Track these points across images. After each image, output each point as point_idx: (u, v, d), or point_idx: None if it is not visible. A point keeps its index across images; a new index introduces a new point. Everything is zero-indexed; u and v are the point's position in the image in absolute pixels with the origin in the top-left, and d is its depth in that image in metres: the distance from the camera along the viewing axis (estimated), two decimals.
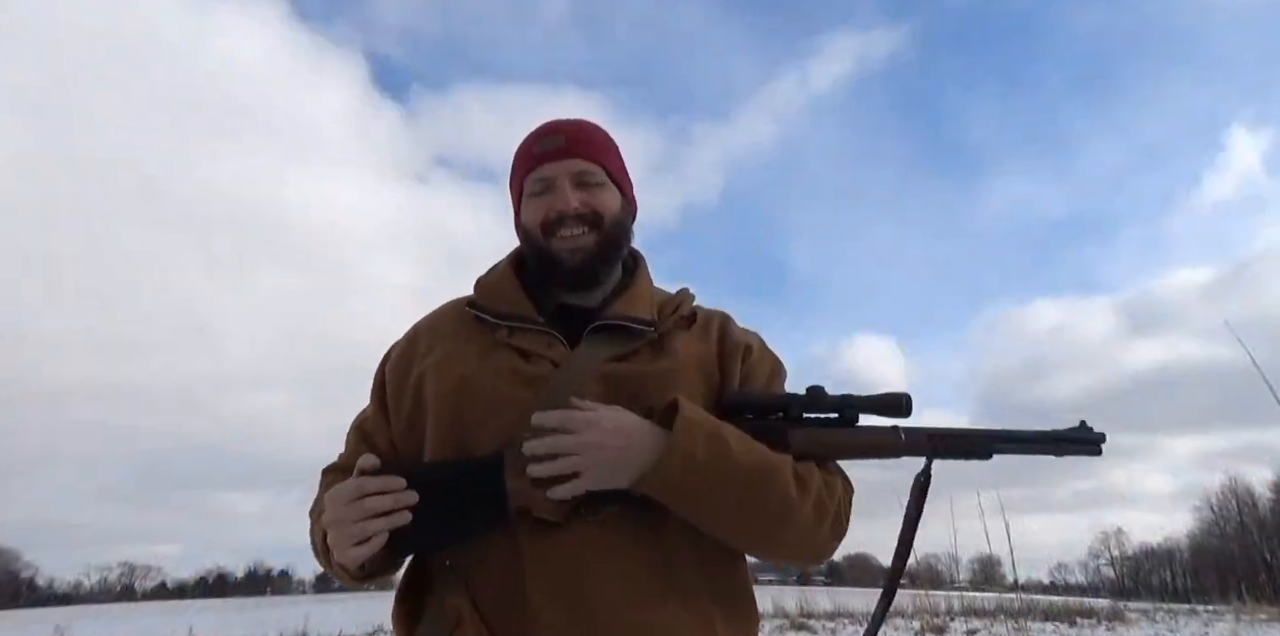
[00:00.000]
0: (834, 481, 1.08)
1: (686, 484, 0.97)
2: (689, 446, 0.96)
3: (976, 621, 10.66)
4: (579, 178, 1.17)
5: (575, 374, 1.08)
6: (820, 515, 1.03)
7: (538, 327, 1.14)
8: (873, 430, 1.07)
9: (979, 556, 38.56)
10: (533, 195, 1.19)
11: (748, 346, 1.20)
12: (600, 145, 1.23)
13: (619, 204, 1.21)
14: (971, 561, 39.32)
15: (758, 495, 0.99)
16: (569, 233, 1.15)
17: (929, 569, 31.33)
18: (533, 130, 1.24)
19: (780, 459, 1.02)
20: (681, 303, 1.23)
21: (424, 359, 1.17)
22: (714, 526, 1.01)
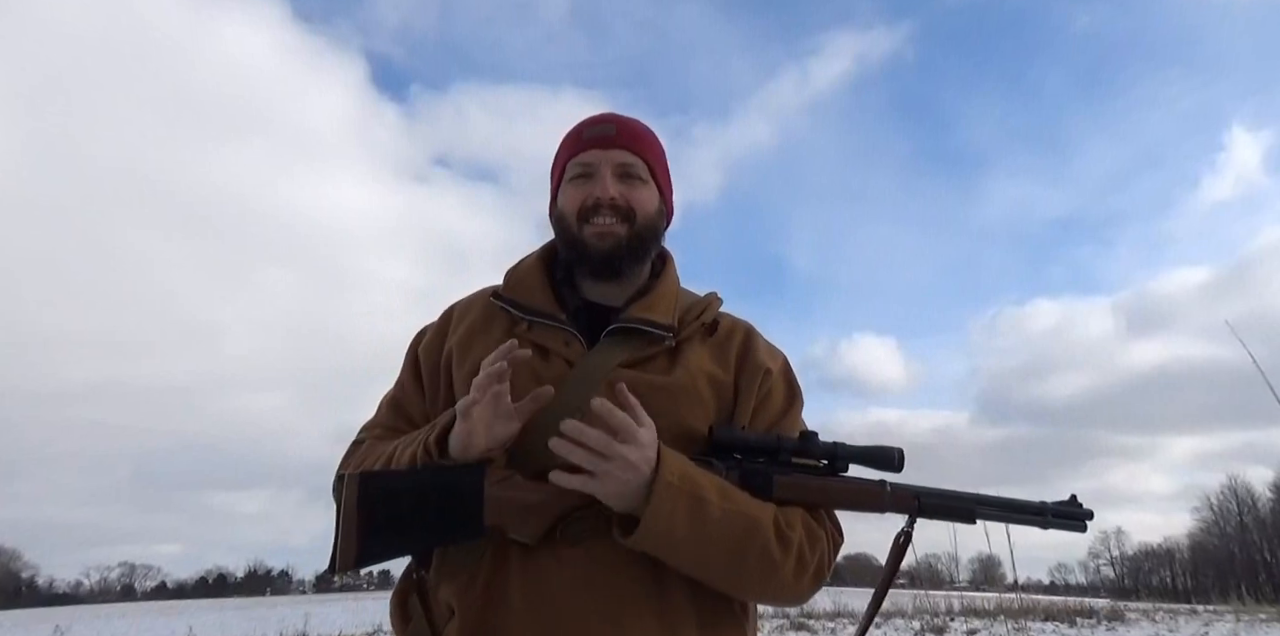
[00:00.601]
0: (818, 534, 1.06)
1: (662, 548, 0.97)
2: (667, 515, 0.95)
3: (976, 621, 10.67)
4: (622, 169, 1.17)
5: (587, 376, 1.08)
6: (800, 570, 1.03)
7: (558, 325, 1.13)
8: (860, 482, 1.07)
9: (979, 556, 38.61)
10: (573, 180, 1.18)
11: (768, 370, 1.18)
12: (649, 143, 1.23)
13: (656, 205, 1.21)
14: (971, 561, 39.38)
15: (736, 557, 0.99)
16: (601, 221, 1.15)
17: (929, 569, 31.44)
18: (586, 118, 1.25)
19: (763, 513, 1.01)
20: (707, 308, 1.22)
21: (452, 338, 1.19)
22: (692, 575, 1.01)
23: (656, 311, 1.15)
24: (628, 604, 0.99)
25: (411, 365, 1.23)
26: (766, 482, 1.03)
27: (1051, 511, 1.08)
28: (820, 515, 1.09)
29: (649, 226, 1.18)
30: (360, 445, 1.18)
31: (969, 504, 1.06)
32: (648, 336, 1.13)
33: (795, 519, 1.04)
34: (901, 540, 1.07)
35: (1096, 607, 12.38)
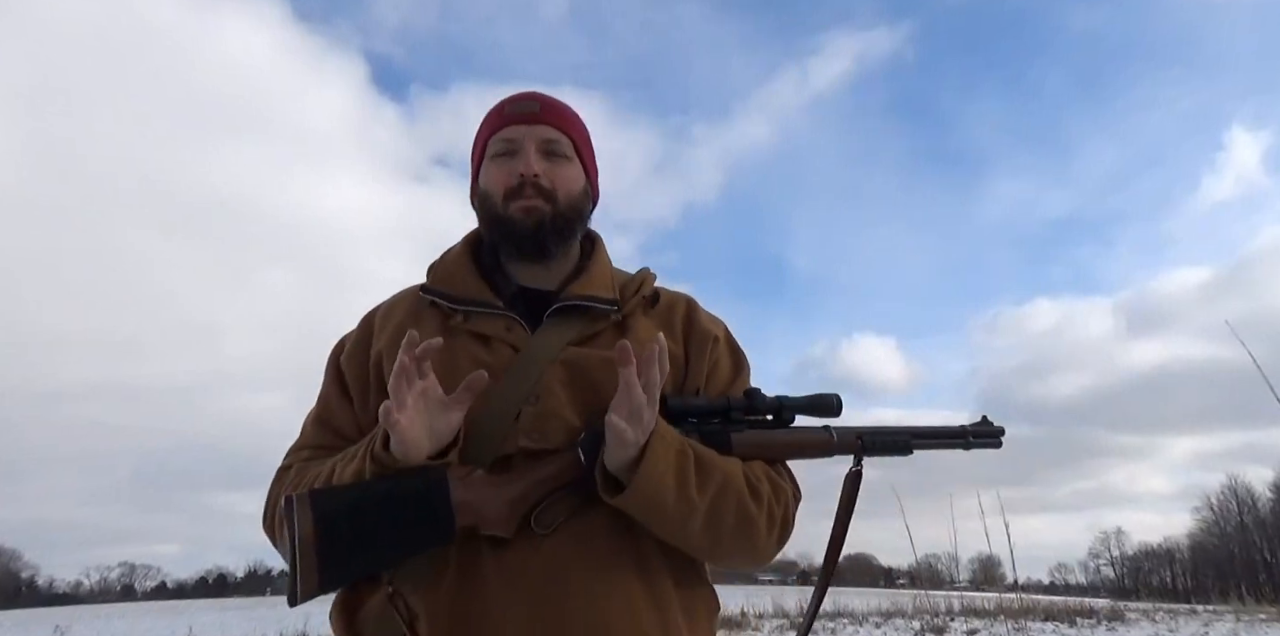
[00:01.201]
0: (781, 485, 1.08)
1: (651, 503, 0.96)
2: (660, 465, 0.95)
3: (976, 621, 10.66)
4: (546, 146, 1.14)
5: (537, 359, 1.05)
6: (771, 523, 1.04)
7: (496, 311, 1.10)
8: (807, 430, 1.11)
9: (979, 556, 38.62)
10: (495, 157, 1.15)
11: (715, 337, 1.18)
12: (573, 120, 1.20)
13: (581, 185, 1.17)
14: (971, 561, 39.37)
15: (716, 512, 0.99)
16: (525, 196, 1.11)
17: (929, 569, 31.40)
18: (509, 95, 1.21)
19: (735, 467, 1.02)
20: (643, 282, 1.20)
21: (378, 341, 1.13)
22: (672, 537, 1.00)
23: (596, 287, 1.13)
24: (614, 575, 0.98)
25: (335, 377, 1.16)
26: (725, 441, 1.05)
27: (971, 432, 1.18)
28: (780, 469, 1.11)
29: (573, 206, 1.15)
30: (288, 471, 1.11)
31: (905, 437, 1.13)
32: (591, 313, 1.11)
33: (760, 472, 1.06)
34: (855, 474, 1.12)
35: (1096, 607, 12.37)
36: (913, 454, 1.14)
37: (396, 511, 0.91)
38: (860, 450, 1.11)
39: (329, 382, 1.17)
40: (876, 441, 1.11)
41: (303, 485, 1.03)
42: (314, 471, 1.04)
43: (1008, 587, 11.05)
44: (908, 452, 1.13)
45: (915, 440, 1.14)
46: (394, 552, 0.93)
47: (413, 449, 0.93)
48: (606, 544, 0.99)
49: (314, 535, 0.89)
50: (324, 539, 0.89)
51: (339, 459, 1.02)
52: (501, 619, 0.94)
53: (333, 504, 0.91)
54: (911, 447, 1.14)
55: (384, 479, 0.94)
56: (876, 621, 11.46)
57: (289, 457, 1.14)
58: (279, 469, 1.13)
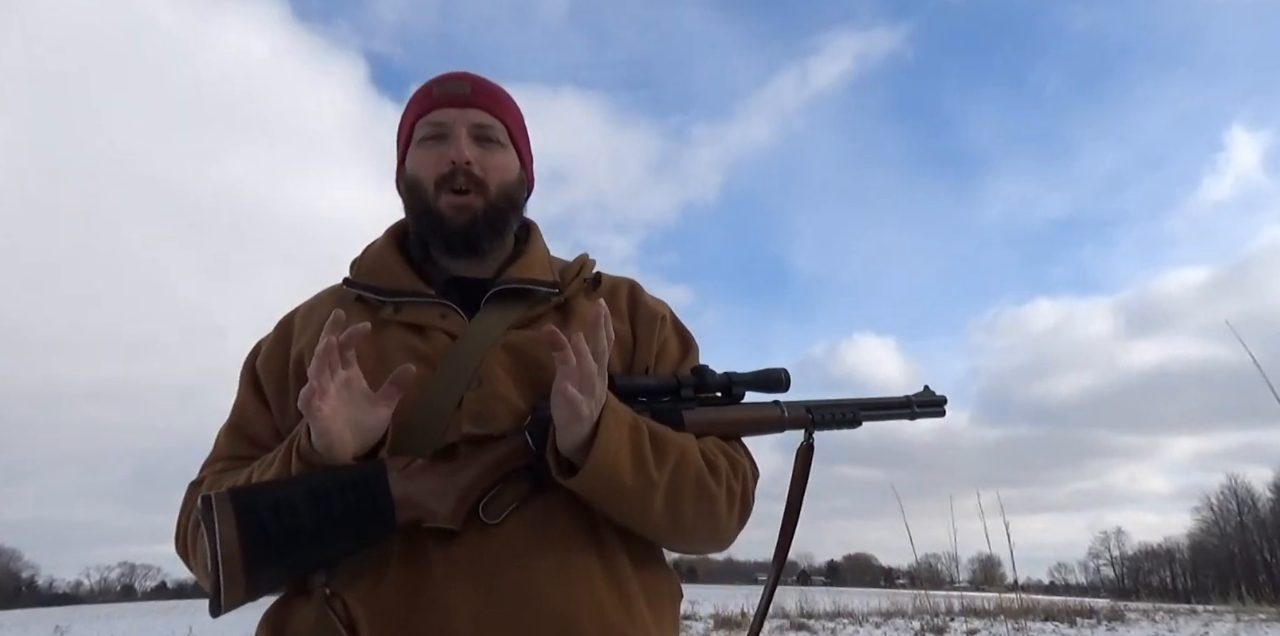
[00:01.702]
0: (738, 460, 1.04)
1: (608, 483, 0.90)
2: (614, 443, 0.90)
3: (976, 621, 10.66)
4: (478, 131, 1.07)
5: (476, 344, 0.99)
6: (731, 500, 1.00)
7: (429, 300, 1.03)
8: (757, 406, 1.09)
9: (979, 556, 38.62)
10: (423, 141, 1.07)
11: (662, 317, 1.14)
12: (506, 104, 1.12)
13: (515, 172, 1.10)
14: (971, 561, 39.35)
15: (675, 489, 0.94)
16: (458, 190, 1.04)
17: (929, 569, 31.35)
18: (437, 75, 1.12)
19: (691, 443, 0.99)
20: (583, 266, 1.14)
21: (299, 341, 1.05)
22: (630, 516, 0.94)
23: (535, 271, 1.08)
24: (572, 559, 0.91)
25: (250, 383, 1.08)
26: (677, 419, 1.02)
27: (915, 402, 1.19)
28: (735, 445, 1.07)
29: (506, 196, 1.08)
30: (200, 485, 1.02)
31: (853, 410, 1.13)
32: (532, 297, 1.05)
33: (716, 448, 1.02)
34: (806, 449, 1.11)
35: (1096, 607, 12.36)
36: (860, 425, 1.14)
37: (330, 505, 0.83)
38: (810, 424, 1.10)
39: (244, 389, 1.09)
40: (826, 415, 1.11)
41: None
42: (229, 480, 0.96)
43: (1008, 587, 11.03)
44: (856, 424, 1.13)
45: (863, 412, 1.14)
46: (329, 550, 0.84)
47: (337, 443, 0.86)
48: (562, 529, 0.92)
49: (238, 536, 0.79)
50: (249, 540, 0.80)
51: (256, 465, 0.95)
52: (452, 610, 0.86)
53: (257, 501, 0.82)
54: (860, 420, 1.13)
55: (321, 471, 0.86)
56: (876, 621, 11.46)
57: (202, 471, 1.06)
58: (190, 484, 1.04)
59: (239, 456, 1.04)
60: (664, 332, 1.13)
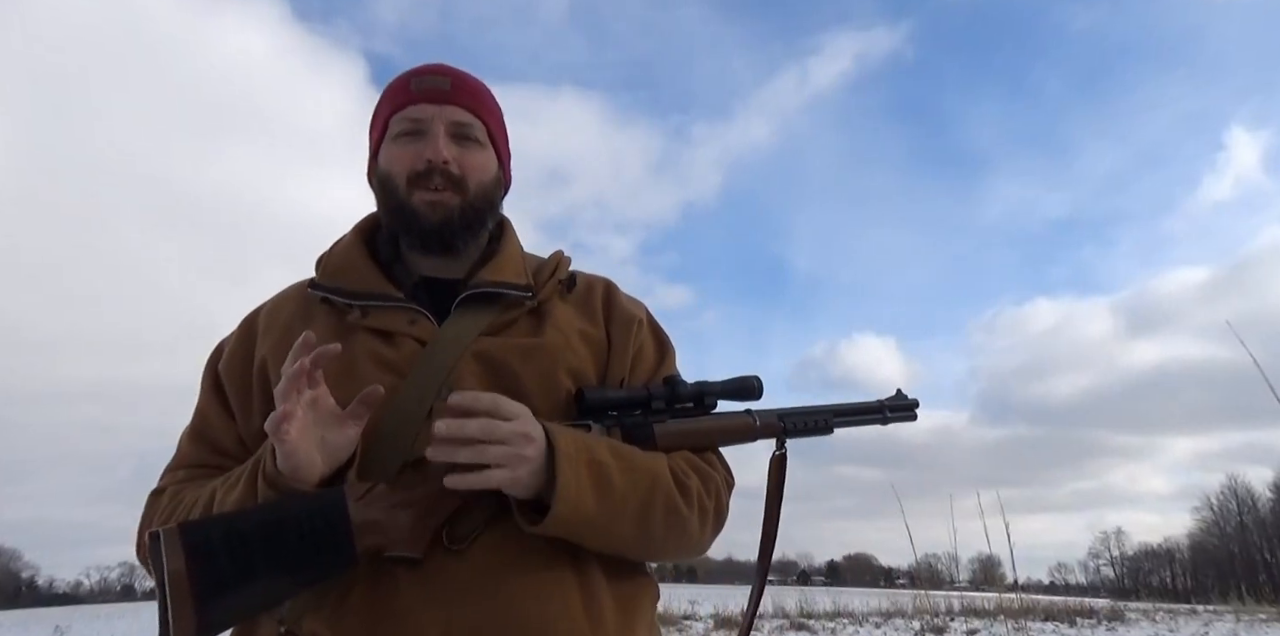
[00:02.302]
0: (710, 475, 1.01)
1: (575, 526, 0.87)
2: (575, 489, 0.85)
3: (976, 621, 10.66)
4: (457, 128, 1.03)
5: (446, 352, 0.95)
6: (703, 517, 0.98)
7: (397, 304, 0.99)
8: (729, 416, 1.07)
9: (979, 556, 38.60)
10: (398, 137, 1.03)
11: (639, 320, 1.10)
12: (486, 101, 1.09)
13: (493, 172, 1.07)
14: (971, 561, 39.34)
15: (644, 517, 0.91)
16: (433, 187, 1.01)
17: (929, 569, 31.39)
18: (412, 68, 1.08)
19: (659, 465, 0.95)
20: (558, 266, 1.10)
21: (263, 345, 1.01)
22: (602, 546, 0.92)
23: (508, 273, 1.04)
24: (545, 575, 0.88)
25: (212, 388, 1.03)
26: (648, 434, 0.99)
27: (889, 406, 1.17)
28: (709, 456, 1.04)
29: (484, 196, 1.05)
30: (161, 495, 0.97)
31: (826, 416, 1.11)
32: (504, 300, 1.01)
33: (687, 465, 0.99)
34: (779, 457, 1.09)
35: (1096, 607, 12.36)
36: (833, 432, 1.12)
37: (286, 538, 0.79)
38: (783, 432, 1.08)
39: (206, 393, 1.04)
40: (798, 423, 1.09)
41: (179, 512, 0.92)
42: (191, 495, 0.92)
43: (1008, 587, 11.01)
44: (828, 431, 1.12)
45: (836, 418, 1.12)
46: (285, 586, 0.79)
47: (304, 466, 0.82)
48: (531, 549, 0.88)
49: (187, 573, 0.76)
50: (199, 576, 0.76)
51: (219, 483, 0.90)
52: (420, 627, 0.83)
53: (208, 534, 0.78)
54: (832, 426, 1.12)
55: (276, 501, 0.83)
56: (876, 621, 11.46)
57: (163, 479, 1.01)
58: (151, 493, 0.99)
59: (202, 464, 1.00)
60: (640, 336, 1.09)
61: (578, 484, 0.86)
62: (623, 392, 1.01)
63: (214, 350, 1.08)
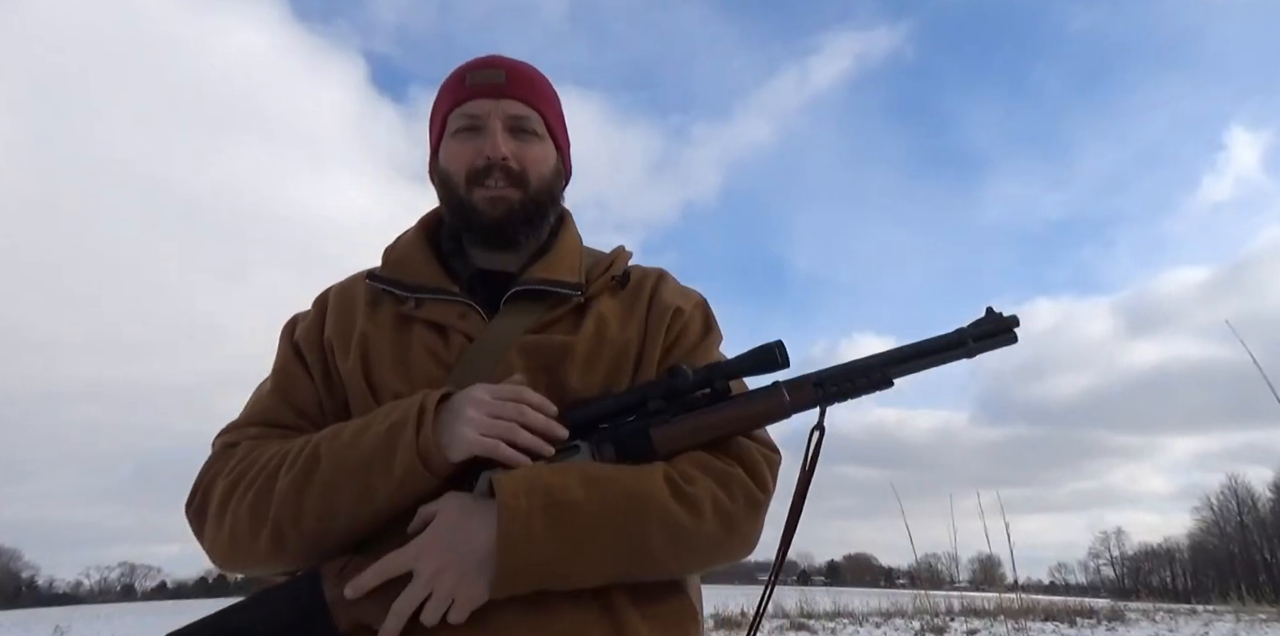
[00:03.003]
0: (729, 473, 0.91)
1: (543, 576, 0.82)
2: (524, 542, 0.80)
3: (976, 621, 10.65)
4: (514, 122, 1.03)
5: (491, 348, 0.97)
6: (725, 521, 0.89)
7: (451, 297, 1.01)
8: (751, 397, 0.93)
9: (979, 556, 38.64)
10: (457, 133, 1.04)
11: (677, 309, 1.05)
12: (543, 92, 1.08)
13: (552, 164, 1.07)
14: (971, 561, 39.35)
15: (635, 541, 0.84)
16: (493, 184, 1.01)
17: (929, 569, 31.35)
18: (468, 61, 1.08)
19: (647, 482, 0.86)
20: (614, 261, 1.09)
21: (330, 326, 1.04)
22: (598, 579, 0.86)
23: (560, 270, 1.03)
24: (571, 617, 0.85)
25: (293, 353, 1.04)
26: (644, 443, 0.89)
27: (971, 335, 0.91)
28: (732, 448, 0.93)
29: (545, 190, 1.05)
30: (234, 448, 0.96)
31: (878, 368, 0.91)
32: (553, 298, 1.01)
33: (694, 469, 0.90)
34: (817, 432, 0.92)
35: (1096, 607, 12.35)
36: (893, 385, 0.91)
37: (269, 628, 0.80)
38: (824, 400, 0.90)
39: (287, 357, 1.04)
40: (841, 384, 0.90)
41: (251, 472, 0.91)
42: (269, 450, 0.92)
43: (1008, 587, 11.00)
44: (887, 385, 0.91)
45: (897, 366, 0.91)
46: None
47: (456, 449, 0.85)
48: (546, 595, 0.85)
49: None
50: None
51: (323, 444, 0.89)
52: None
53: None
54: (891, 379, 0.91)
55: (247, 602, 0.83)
56: (876, 621, 11.45)
57: (231, 433, 1.00)
58: (220, 445, 0.99)
59: (278, 423, 1.00)
60: (679, 323, 1.05)
61: (527, 533, 0.81)
62: (610, 402, 0.92)
63: (289, 321, 1.10)
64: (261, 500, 0.88)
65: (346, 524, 0.87)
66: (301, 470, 0.88)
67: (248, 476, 0.91)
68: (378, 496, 0.86)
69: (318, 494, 0.86)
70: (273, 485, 0.88)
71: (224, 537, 0.91)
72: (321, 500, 0.86)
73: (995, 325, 0.91)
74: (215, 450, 0.99)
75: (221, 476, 0.93)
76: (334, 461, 0.87)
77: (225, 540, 0.91)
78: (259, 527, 0.87)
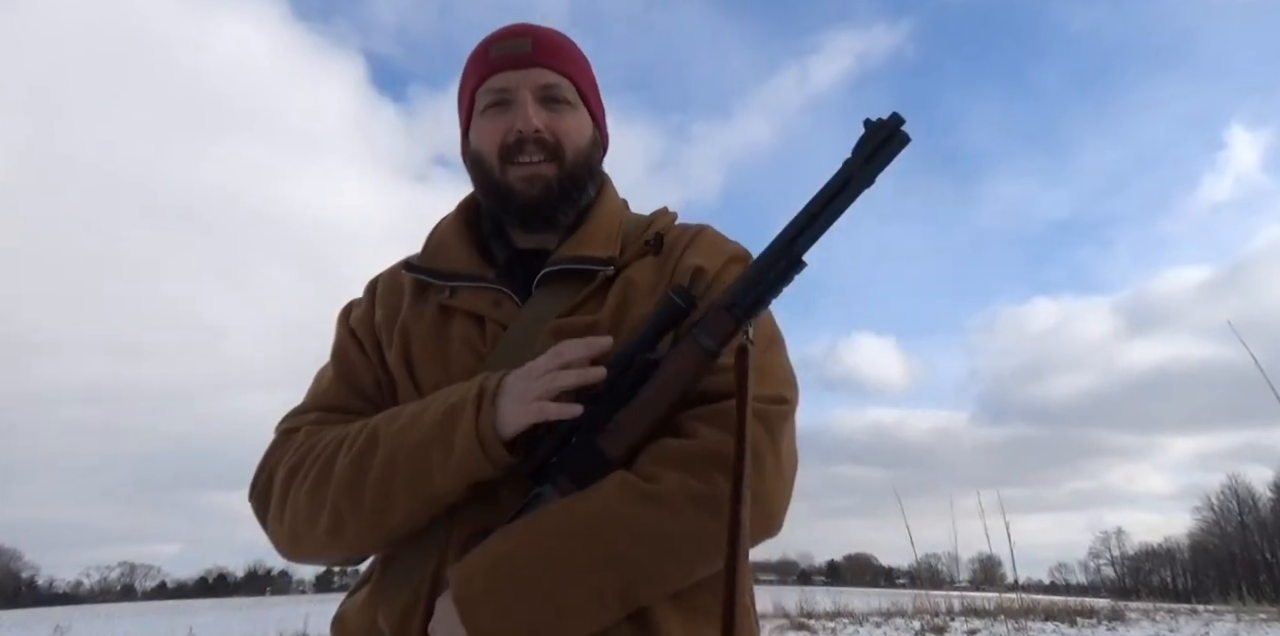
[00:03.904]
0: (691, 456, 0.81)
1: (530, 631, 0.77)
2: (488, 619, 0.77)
3: (976, 621, 10.64)
4: (544, 92, 0.98)
5: (523, 335, 0.93)
6: (704, 508, 0.79)
7: (484, 285, 0.97)
8: (671, 358, 0.83)
9: (979, 556, 38.59)
10: (486, 110, 0.99)
11: (697, 269, 0.95)
12: (573, 57, 1.03)
13: (589, 133, 1.02)
14: (971, 561, 39.32)
15: (612, 563, 0.78)
16: (527, 160, 0.96)
17: (929, 568, 31.35)
18: (492, 32, 1.02)
19: (604, 499, 0.80)
20: (652, 224, 1.03)
21: (379, 311, 1.04)
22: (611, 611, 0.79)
23: (593, 244, 0.98)
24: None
25: (350, 336, 1.04)
26: (596, 457, 0.83)
27: (859, 160, 0.79)
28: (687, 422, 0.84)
29: (582, 162, 1.00)
30: (295, 433, 0.95)
31: (779, 255, 0.81)
32: (586, 275, 0.96)
33: (659, 463, 0.81)
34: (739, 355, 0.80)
35: (1097, 607, 12.34)
36: (806, 264, 0.81)
37: None
38: (741, 318, 0.81)
39: (345, 340, 1.04)
40: (751, 294, 0.81)
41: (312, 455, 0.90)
42: (328, 436, 0.91)
43: (1008, 587, 11.00)
44: (800, 266, 0.81)
45: (796, 243, 0.80)
46: None
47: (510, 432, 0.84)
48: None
49: None
50: None
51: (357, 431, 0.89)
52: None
53: None
54: (798, 257, 0.81)
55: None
56: (876, 621, 11.44)
57: (293, 419, 0.99)
58: (281, 431, 0.98)
59: (340, 408, 0.98)
60: (700, 284, 0.95)
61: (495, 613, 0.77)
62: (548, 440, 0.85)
63: (344, 307, 1.09)
64: (320, 484, 0.87)
65: (405, 507, 0.85)
66: (359, 452, 0.86)
67: (308, 460, 0.90)
68: (434, 478, 0.84)
69: (376, 476, 0.85)
70: (331, 468, 0.87)
71: (285, 525, 0.90)
72: (379, 482, 0.85)
73: (878, 134, 0.78)
74: (276, 437, 0.98)
75: (283, 463, 0.92)
76: (392, 444, 0.86)
77: (286, 527, 0.90)
78: (318, 512, 0.86)
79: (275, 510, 0.91)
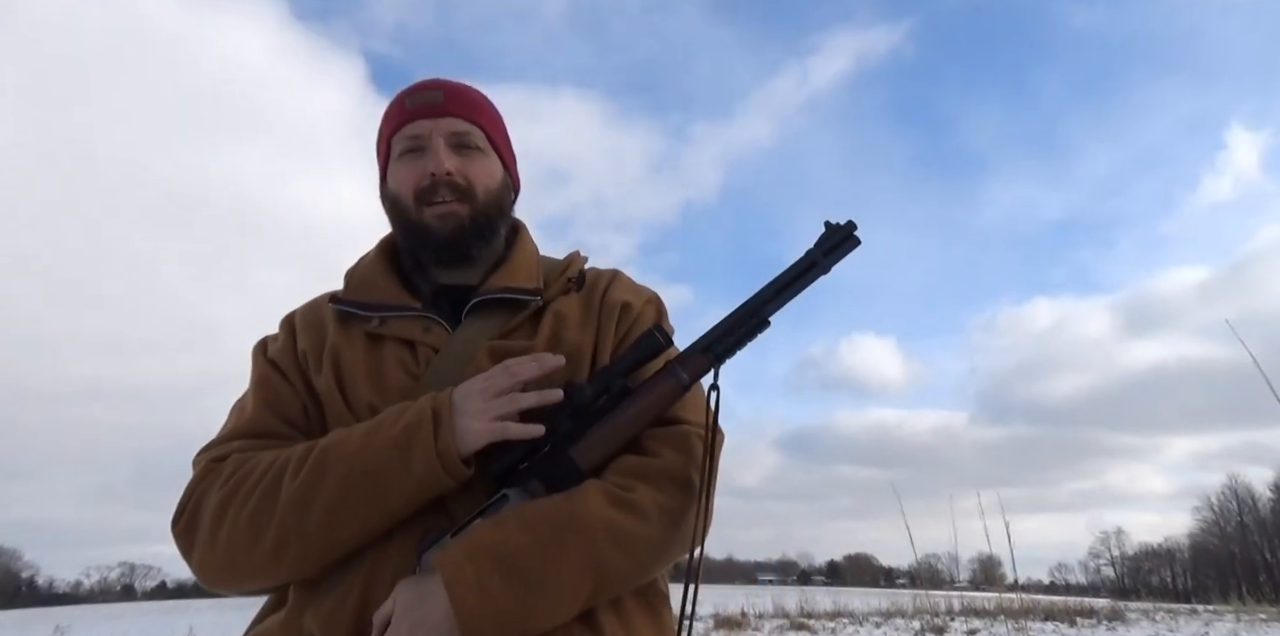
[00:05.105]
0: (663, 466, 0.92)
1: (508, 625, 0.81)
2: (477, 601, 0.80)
3: (976, 621, 10.65)
4: (456, 139, 1.05)
5: (456, 358, 0.98)
6: (671, 517, 0.90)
7: (413, 313, 1.02)
8: (649, 385, 0.93)
9: (979, 556, 38.58)
10: (402, 156, 1.06)
11: (625, 304, 1.07)
12: (482, 107, 1.11)
13: (499, 177, 1.09)
14: (971, 561, 39.34)
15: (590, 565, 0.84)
16: (440, 199, 1.03)
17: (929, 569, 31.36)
18: (406, 86, 1.10)
19: (587, 501, 0.86)
20: (569, 265, 1.11)
21: (302, 341, 1.05)
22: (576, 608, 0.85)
23: (519, 277, 1.06)
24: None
25: (270, 366, 1.04)
26: (568, 466, 0.90)
27: (820, 252, 0.94)
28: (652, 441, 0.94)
29: (493, 203, 1.07)
30: (221, 463, 0.94)
31: (752, 314, 0.94)
32: (514, 305, 1.03)
33: (629, 475, 0.90)
34: (714, 396, 0.94)
35: (1097, 607, 12.35)
36: (770, 325, 0.95)
37: None
38: (714, 361, 0.93)
39: (266, 370, 1.04)
40: (726, 341, 0.93)
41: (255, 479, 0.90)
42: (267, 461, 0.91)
43: (1008, 587, 11.01)
44: (765, 326, 0.95)
45: (765, 307, 0.94)
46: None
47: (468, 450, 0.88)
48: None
49: None
50: None
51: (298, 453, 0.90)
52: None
53: None
54: (765, 318, 0.94)
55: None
56: (876, 621, 11.45)
57: (216, 448, 0.98)
58: (206, 460, 0.96)
59: (266, 434, 0.99)
60: (629, 318, 1.07)
61: (482, 596, 0.80)
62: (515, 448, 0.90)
63: (259, 342, 1.10)
64: (263, 508, 0.87)
65: (356, 529, 0.87)
66: (310, 474, 0.87)
67: (245, 486, 0.90)
68: (391, 496, 0.86)
69: (327, 499, 0.86)
70: (276, 492, 0.88)
71: (218, 552, 0.89)
72: (331, 505, 0.86)
73: (836, 235, 0.95)
74: (201, 467, 0.96)
75: (214, 490, 0.91)
76: (344, 467, 0.87)
77: (220, 554, 0.89)
78: (258, 537, 0.87)
79: (206, 536, 0.90)
